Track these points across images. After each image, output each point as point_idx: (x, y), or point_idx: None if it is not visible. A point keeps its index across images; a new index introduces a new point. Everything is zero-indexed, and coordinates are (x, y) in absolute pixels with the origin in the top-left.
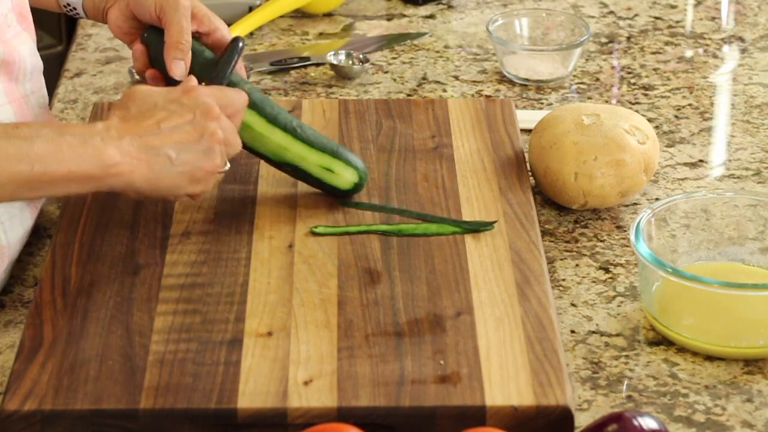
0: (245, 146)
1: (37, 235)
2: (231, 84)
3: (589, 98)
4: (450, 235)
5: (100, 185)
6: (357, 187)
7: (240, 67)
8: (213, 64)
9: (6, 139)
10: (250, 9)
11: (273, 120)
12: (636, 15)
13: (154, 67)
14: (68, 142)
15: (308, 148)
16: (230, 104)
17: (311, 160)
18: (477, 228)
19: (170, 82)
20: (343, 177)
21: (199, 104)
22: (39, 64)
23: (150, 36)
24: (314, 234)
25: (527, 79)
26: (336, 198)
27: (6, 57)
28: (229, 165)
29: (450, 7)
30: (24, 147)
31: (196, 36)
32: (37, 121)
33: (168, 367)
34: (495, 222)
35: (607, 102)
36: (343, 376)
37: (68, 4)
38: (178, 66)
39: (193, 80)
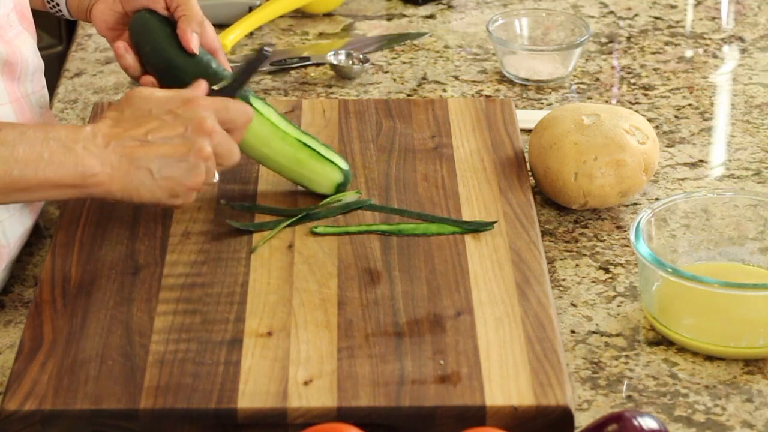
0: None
1: (37, 235)
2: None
3: (589, 98)
4: (450, 235)
5: (78, 193)
6: (340, 188)
7: (224, 61)
8: (205, 64)
9: None
10: (250, 9)
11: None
12: (636, 15)
13: (139, 54)
14: (50, 148)
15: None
16: (232, 120)
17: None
18: (477, 228)
19: (162, 76)
20: (328, 175)
21: (195, 117)
22: (40, 64)
23: (141, 22)
24: (314, 234)
25: (527, 79)
26: (322, 197)
27: (7, 57)
28: (218, 177)
29: (450, 7)
30: (4, 151)
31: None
32: (33, 121)
33: (168, 367)
34: (495, 222)
35: (607, 102)
36: (343, 376)
37: (55, 4)
38: (196, 39)
39: (203, 86)
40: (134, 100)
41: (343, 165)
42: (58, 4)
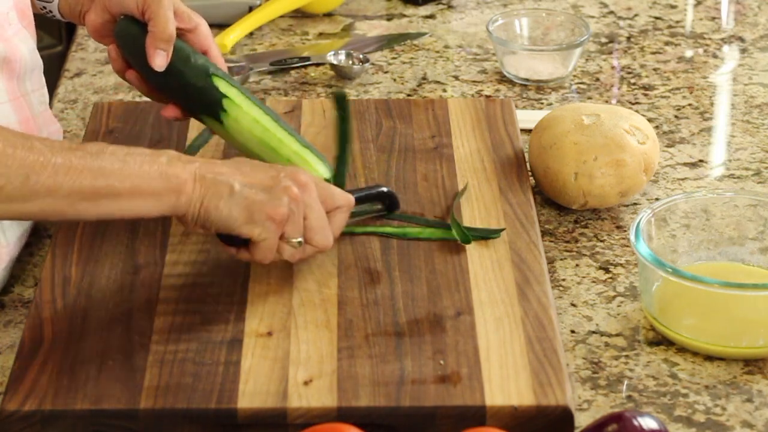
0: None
1: (37, 235)
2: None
3: (589, 98)
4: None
5: (162, 204)
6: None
7: (220, 60)
8: (203, 68)
9: (71, 152)
10: (250, 9)
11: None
12: (636, 15)
13: (126, 60)
14: (135, 159)
15: (288, 134)
16: (330, 196)
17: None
18: (485, 236)
19: (149, 77)
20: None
21: (291, 171)
22: (39, 62)
23: (123, 24)
24: None
25: (527, 79)
26: None
27: (7, 55)
28: (301, 240)
29: (450, 7)
30: (89, 160)
31: (179, 34)
32: (32, 119)
33: (168, 367)
34: (503, 230)
35: (607, 102)
36: (343, 376)
37: (44, 7)
38: (161, 56)
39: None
40: (238, 159)
41: (325, 172)
42: (45, 7)
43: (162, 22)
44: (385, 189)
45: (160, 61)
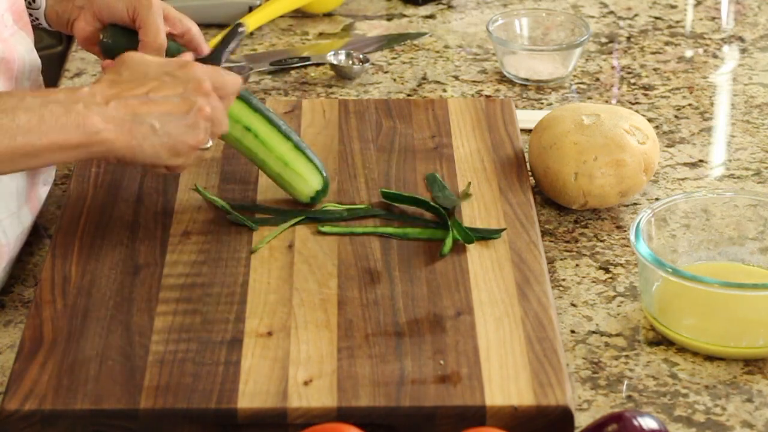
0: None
1: (37, 234)
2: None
3: (589, 98)
4: None
5: (83, 153)
6: (318, 195)
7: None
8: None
9: None
10: (250, 9)
11: (248, 102)
12: (636, 15)
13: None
14: (51, 110)
15: (282, 138)
16: (223, 85)
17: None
18: (486, 236)
19: None
20: (307, 178)
21: (192, 78)
22: (37, 62)
23: (110, 33)
24: (320, 233)
25: (527, 79)
26: (305, 205)
27: (4, 56)
28: (211, 143)
29: (450, 7)
30: (5, 120)
31: (171, 38)
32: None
33: (168, 367)
34: (503, 230)
35: (607, 102)
36: (343, 376)
37: (30, 14)
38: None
39: (189, 56)
40: (130, 63)
41: (317, 183)
42: (31, 14)
43: (153, 31)
44: (241, 25)
45: None
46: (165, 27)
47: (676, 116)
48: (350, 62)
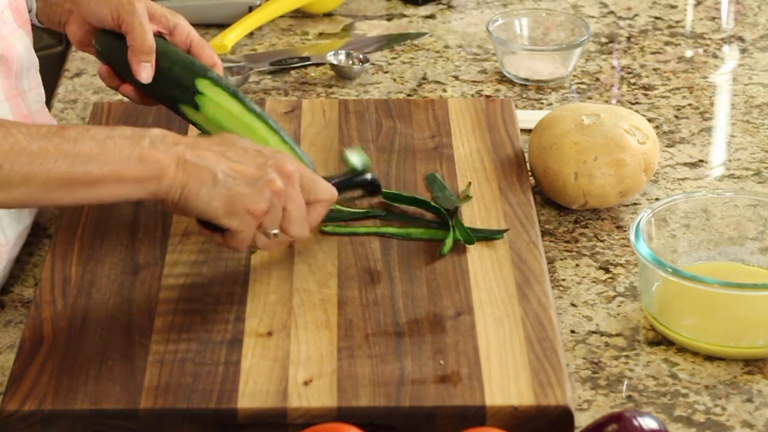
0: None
1: (37, 234)
2: None
3: (589, 98)
4: None
5: (142, 190)
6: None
7: (215, 58)
8: (189, 62)
9: (48, 138)
10: (250, 9)
11: (241, 100)
12: (636, 15)
13: (114, 70)
14: (115, 142)
15: (272, 132)
16: (314, 189)
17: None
18: (488, 237)
19: (141, 86)
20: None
21: (278, 160)
22: (35, 61)
23: (103, 40)
24: (322, 233)
25: (527, 79)
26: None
27: (3, 54)
28: (277, 232)
29: (450, 7)
30: (65, 146)
31: (161, 36)
32: (29, 119)
33: (168, 367)
34: (506, 230)
35: (607, 102)
36: (343, 376)
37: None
38: (145, 69)
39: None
40: (225, 135)
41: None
42: (28, 11)
43: (139, 35)
44: (369, 176)
45: (145, 74)
46: (152, 26)
47: (676, 116)
48: (350, 62)
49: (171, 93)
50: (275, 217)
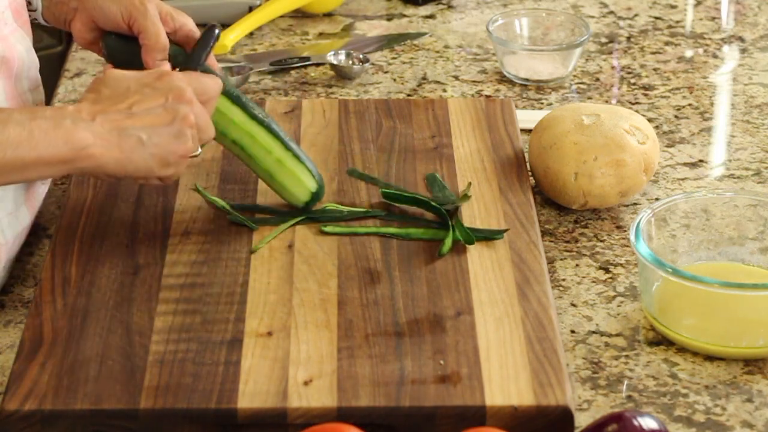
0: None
1: (37, 234)
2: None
3: (589, 98)
4: None
5: (71, 168)
6: (315, 197)
7: (213, 61)
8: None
9: None
10: (250, 9)
11: (243, 106)
12: (636, 15)
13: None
14: (39, 126)
15: (274, 139)
16: (204, 90)
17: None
18: (488, 237)
19: None
20: (302, 181)
21: (173, 88)
22: (35, 61)
23: (111, 43)
24: (321, 233)
25: (527, 79)
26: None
27: (4, 54)
28: (200, 150)
29: (450, 7)
30: None
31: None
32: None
33: (168, 367)
34: (506, 230)
35: (607, 102)
36: (343, 376)
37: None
38: (162, 67)
39: (167, 66)
40: (108, 80)
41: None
42: (36, 19)
43: (153, 34)
44: (216, 31)
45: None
46: (164, 29)
47: (676, 116)
48: (350, 62)
49: None
50: (196, 142)
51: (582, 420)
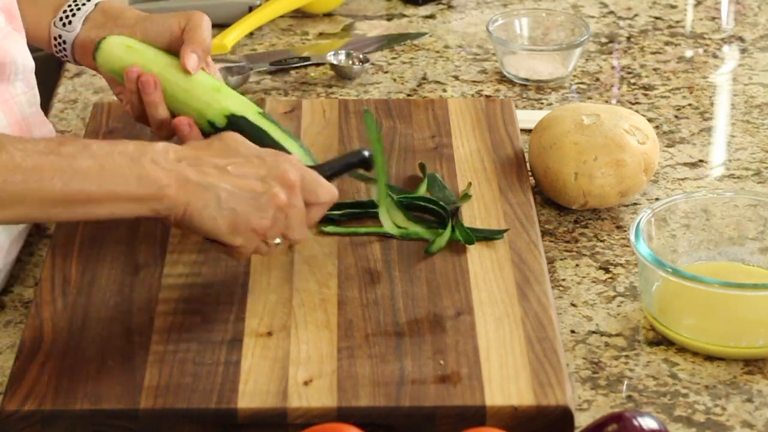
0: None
1: (37, 235)
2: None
3: (589, 98)
4: None
5: (143, 208)
6: None
7: (211, 65)
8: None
9: (45, 155)
10: (250, 9)
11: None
12: (636, 15)
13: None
14: (114, 160)
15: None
16: (315, 191)
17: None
18: (488, 237)
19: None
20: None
21: (279, 167)
22: (30, 64)
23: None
24: (320, 233)
25: (527, 79)
26: None
27: None
28: (280, 241)
29: (450, 7)
30: (62, 163)
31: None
32: (22, 121)
33: (168, 367)
34: (506, 230)
35: (607, 102)
36: (343, 376)
37: (61, 49)
38: (193, 58)
39: (295, 158)
40: (226, 137)
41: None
42: (64, 49)
43: (198, 36)
44: (365, 153)
45: (192, 62)
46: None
47: (676, 116)
48: (350, 62)
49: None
50: (278, 228)
51: (582, 420)
